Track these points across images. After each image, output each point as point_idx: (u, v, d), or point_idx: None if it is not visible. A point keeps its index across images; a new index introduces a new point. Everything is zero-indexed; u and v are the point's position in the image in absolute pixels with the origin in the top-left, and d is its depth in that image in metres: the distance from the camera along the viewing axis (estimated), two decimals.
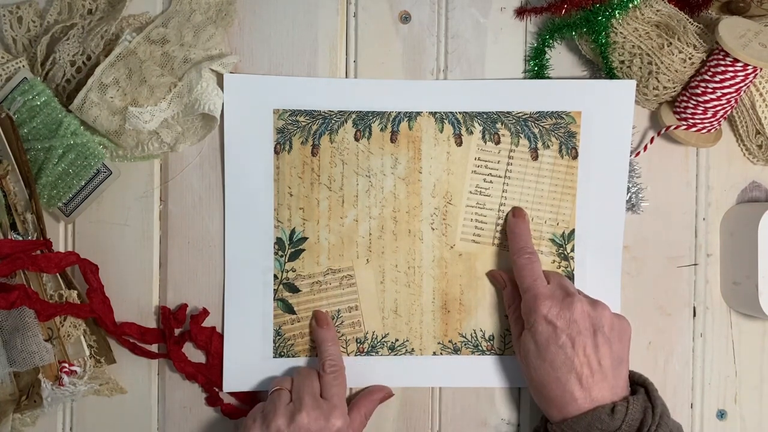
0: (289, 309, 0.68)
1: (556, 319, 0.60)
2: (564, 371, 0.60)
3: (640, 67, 0.65)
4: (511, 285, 0.66)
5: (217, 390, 0.68)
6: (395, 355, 0.69)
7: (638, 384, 0.62)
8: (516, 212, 0.68)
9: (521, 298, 0.64)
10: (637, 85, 0.66)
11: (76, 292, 0.64)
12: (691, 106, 0.65)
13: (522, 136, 0.68)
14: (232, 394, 0.68)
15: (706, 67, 0.64)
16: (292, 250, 0.68)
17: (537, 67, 0.68)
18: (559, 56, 0.69)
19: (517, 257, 0.65)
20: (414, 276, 0.68)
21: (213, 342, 0.67)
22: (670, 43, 0.64)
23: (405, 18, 0.69)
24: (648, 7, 0.65)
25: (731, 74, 0.62)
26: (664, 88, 0.66)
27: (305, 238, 0.68)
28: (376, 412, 0.68)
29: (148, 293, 0.68)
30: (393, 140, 0.68)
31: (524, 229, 0.67)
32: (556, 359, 0.60)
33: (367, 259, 0.68)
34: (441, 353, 0.69)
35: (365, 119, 0.67)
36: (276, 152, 0.67)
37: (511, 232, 0.67)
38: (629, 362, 0.63)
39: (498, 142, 0.68)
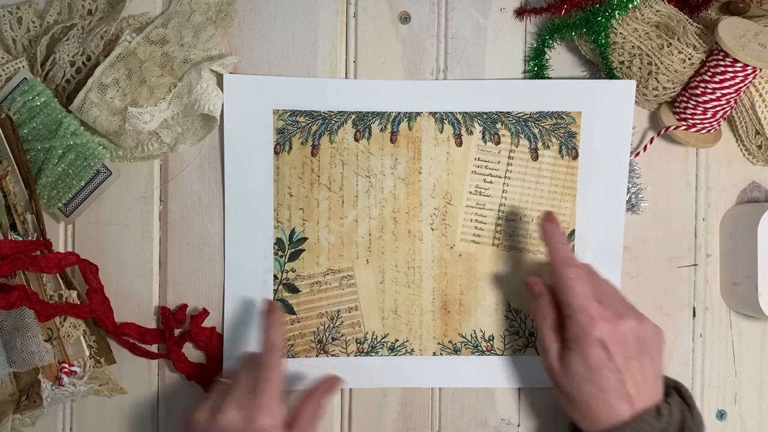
0: (288, 309, 0.68)
1: (611, 344, 0.58)
2: (613, 393, 0.58)
3: (640, 68, 0.65)
4: (549, 295, 0.63)
5: None
6: (395, 355, 0.69)
7: (671, 387, 0.62)
8: (548, 216, 0.64)
9: (560, 312, 0.61)
10: (637, 86, 0.66)
11: (76, 292, 0.64)
12: (691, 106, 0.65)
13: (522, 136, 0.68)
14: None
15: (705, 68, 0.64)
16: (292, 250, 0.68)
17: (537, 68, 0.68)
18: (558, 56, 0.69)
19: (565, 270, 0.60)
20: (414, 276, 0.68)
21: (213, 342, 0.67)
22: (670, 44, 0.64)
23: (405, 18, 0.69)
24: (648, 7, 0.65)
25: (731, 75, 0.62)
26: (664, 88, 0.66)
27: (305, 239, 0.68)
28: (375, 411, 0.68)
29: (148, 293, 0.68)
30: (393, 140, 0.68)
31: (562, 235, 0.63)
32: (607, 383, 0.58)
33: (367, 260, 0.68)
34: (441, 354, 0.69)
35: (365, 119, 0.67)
36: (276, 152, 0.67)
37: (549, 238, 0.63)
38: None
39: (498, 143, 0.68)
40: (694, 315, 0.71)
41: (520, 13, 0.69)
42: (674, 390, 0.61)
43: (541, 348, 0.63)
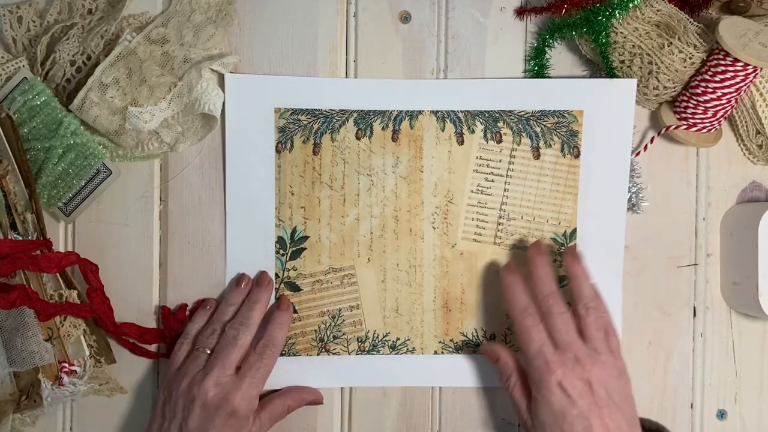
0: None
1: (570, 388, 0.58)
2: None
3: (641, 67, 0.65)
4: (505, 356, 0.64)
5: None
6: (396, 354, 0.68)
7: (651, 430, 0.62)
8: (508, 267, 0.65)
9: (519, 371, 0.63)
10: (638, 85, 0.67)
11: (76, 292, 0.64)
12: (692, 105, 0.65)
13: (524, 134, 0.68)
14: None
15: (706, 67, 0.64)
16: (294, 248, 0.68)
17: (537, 67, 0.68)
18: (559, 56, 0.69)
19: (522, 319, 0.62)
20: (415, 275, 0.68)
21: None
22: (671, 43, 0.64)
23: (405, 18, 0.69)
24: (648, 6, 0.65)
25: (731, 74, 0.63)
26: (665, 87, 0.66)
27: (306, 237, 0.68)
28: (375, 410, 0.68)
29: (148, 293, 0.68)
30: (394, 139, 0.68)
31: (521, 285, 0.64)
32: (573, 428, 0.58)
33: (369, 258, 0.68)
34: (442, 352, 0.69)
35: (366, 118, 0.67)
36: (277, 151, 0.67)
37: (509, 290, 0.64)
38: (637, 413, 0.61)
39: (500, 141, 0.68)
40: (694, 315, 0.71)
41: (521, 12, 0.69)
42: None
43: (514, 407, 0.63)
